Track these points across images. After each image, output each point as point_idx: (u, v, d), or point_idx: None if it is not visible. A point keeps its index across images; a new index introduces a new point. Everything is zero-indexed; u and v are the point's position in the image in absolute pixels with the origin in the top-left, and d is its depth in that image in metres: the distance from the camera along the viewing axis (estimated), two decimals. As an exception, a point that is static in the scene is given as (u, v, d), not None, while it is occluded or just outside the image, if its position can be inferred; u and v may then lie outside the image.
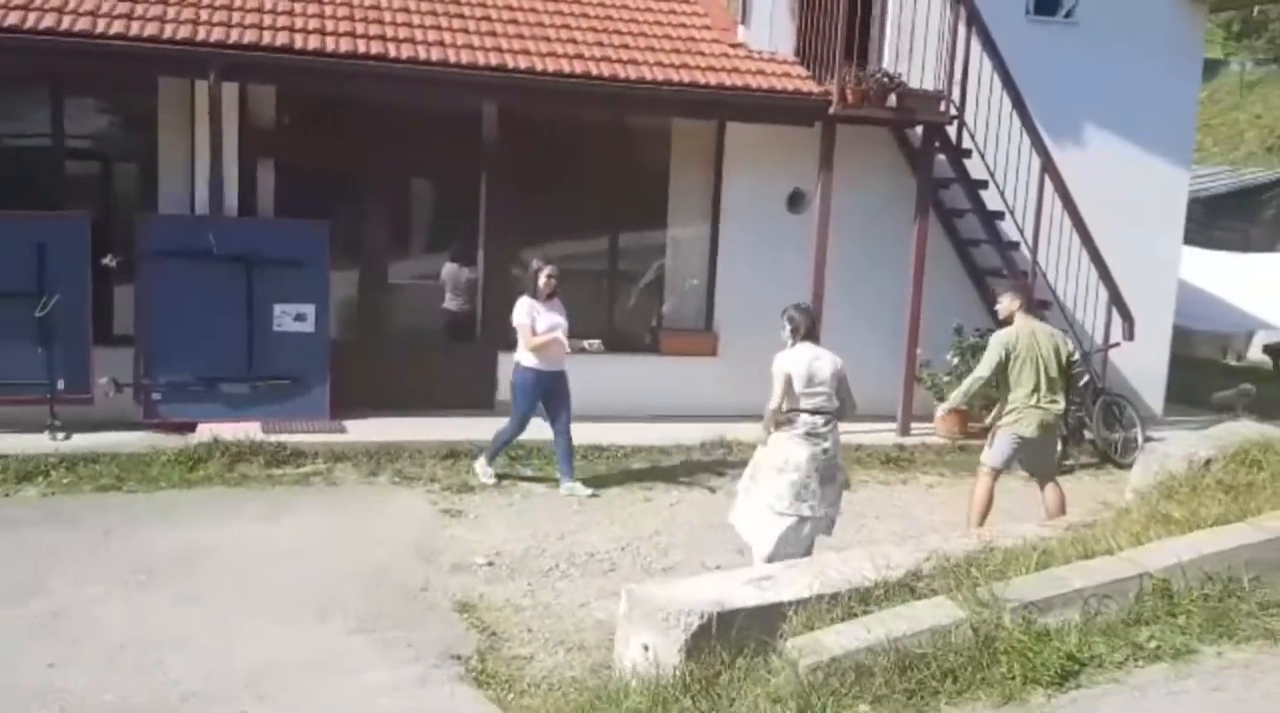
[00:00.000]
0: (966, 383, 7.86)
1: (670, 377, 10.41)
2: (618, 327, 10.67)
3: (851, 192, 10.17)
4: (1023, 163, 10.35)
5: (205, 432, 8.66)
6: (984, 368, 7.58)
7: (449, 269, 10.49)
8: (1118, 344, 10.59)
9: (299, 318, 9.27)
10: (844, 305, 9.95)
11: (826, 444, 6.29)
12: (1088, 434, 10.60)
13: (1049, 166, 10.31)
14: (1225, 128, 23.01)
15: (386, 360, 9.83)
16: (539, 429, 9.49)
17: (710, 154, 10.61)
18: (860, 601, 3.78)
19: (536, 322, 8.11)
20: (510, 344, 10.19)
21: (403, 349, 10.00)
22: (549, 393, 8.34)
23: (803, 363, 6.33)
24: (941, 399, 10.42)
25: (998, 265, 10.75)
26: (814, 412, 6.30)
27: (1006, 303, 7.80)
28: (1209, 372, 15.75)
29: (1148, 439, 10.66)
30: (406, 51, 9.04)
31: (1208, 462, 5.24)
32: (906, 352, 10.31)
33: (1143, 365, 11.74)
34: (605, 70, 9.38)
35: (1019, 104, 10.18)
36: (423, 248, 10.60)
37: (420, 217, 10.73)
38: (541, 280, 8.18)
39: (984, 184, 10.35)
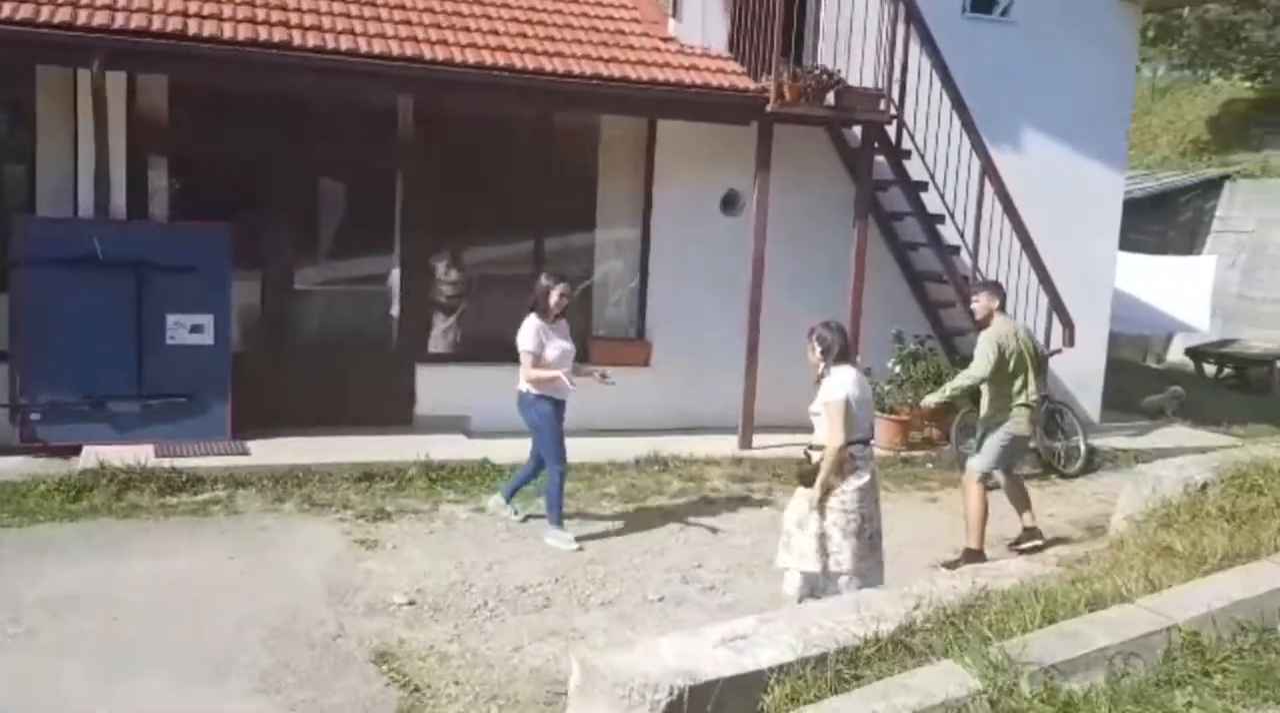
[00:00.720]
0: (960, 380, 7.64)
1: (603, 390, 9.79)
2: (544, 336, 10.07)
3: (787, 194, 9.72)
4: (962, 165, 10.02)
5: (90, 456, 7.83)
6: (981, 367, 7.43)
7: (395, 275, 9.82)
8: (1059, 351, 10.32)
9: (195, 329, 8.48)
10: (781, 313, 9.43)
11: (876, 479, 5.84)
12: (1030, 443, 10.29)
13: (989, 169, 9.99)
14: (1139, 132, 23.18)
15: (294, 374, 9.08)
16: (456, 446, 8.88)
17: (641, 154, 10.07)
18: (849, 663, 3.26)
19: (546, 348, 7.23)
20: (435, 355, 9.57)
21: (312, 362, 9.24)
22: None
23: (854, 385, 5.62)
24: (883, 410, 10.06)
25: (937, 270, 10.41)
26: (867, 443, 5.74)
27: (985, 302, 7.60)
28: (1133, 375, 15.69)
29: (1090, 448, 10.45)
30: (313, 40, 8.31)
31: (1204, 486, 4.86)
32: (847, 360, 9.86)
33: (1080, 371, 11.52)
34: (530, 63, 8.77)
35: (959, 104, 9.83)
36: (333, 252, 9.84)
37: (330, 218, 9.97)
38: (554, 299, 7.30)
39: (924, 186, 9.98)
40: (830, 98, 9.40)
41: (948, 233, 10.16)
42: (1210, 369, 17.61)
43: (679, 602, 6.39)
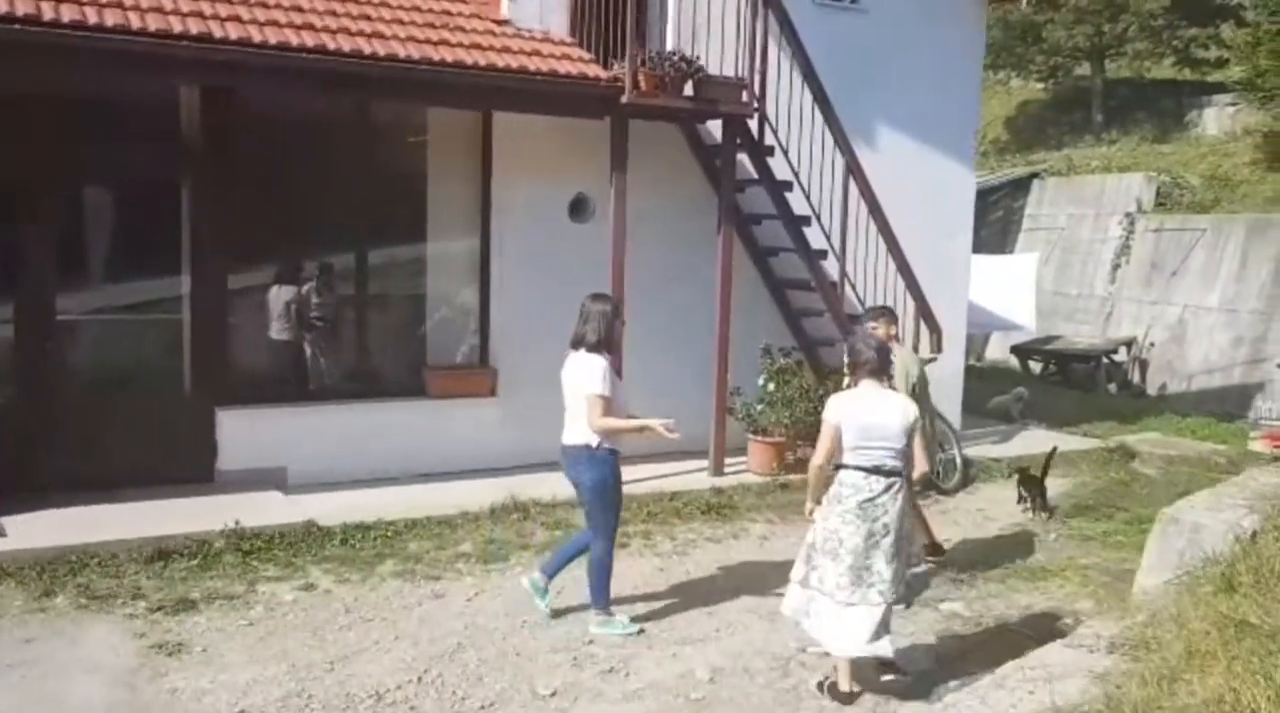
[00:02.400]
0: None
1: (441, 425, 8.51)
2: (372, 366, 8.67)
3: (638, 197, 8.64)
4: (826, 162, 9.25)
5: None
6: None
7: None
8: (935, 358, 9.70)
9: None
10: (640, 328, 8.36)
11: (886, 518, 4.99)
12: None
13: (854, 166, 9.26)
14: (944, 133, 23.43)
15: (59, 428, 7.37)
16: (270, 506, 7.39)
17: (476, 153, 8.79)
18: None
19: (617, 395, 5.84)
20: (240, 396, 8.03)
21: (82, 411, 7.52)
22: None
23: (860, 408, 5.07)
24: (756, 431, 9.17)
25: (800, 277, 9.60)
26: (870, 471, 4.96)
27: (885, 330, 6.89)
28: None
29: (965, 460, 9.89)
30: (70, 14, 6.63)
31: (1254, 535, 4.10)
32: (716, 379, 8.90)
33: (940, 377, 10.90)
34: (344, 44, 7.36)
35: (821, 97, 9.05)
36: (107, 274, 8.10)
37: (99, 234, 8.19)
38: (621, 329, 5.95)
39: (789, 186, 9.14)
40: (689, 88, 8.42)
41: (812, 236, 9.35)
42: (1036, 367, 17.72)
43: (575, 695, 5.20)
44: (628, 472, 8.40)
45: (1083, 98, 24.05)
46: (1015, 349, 17.67)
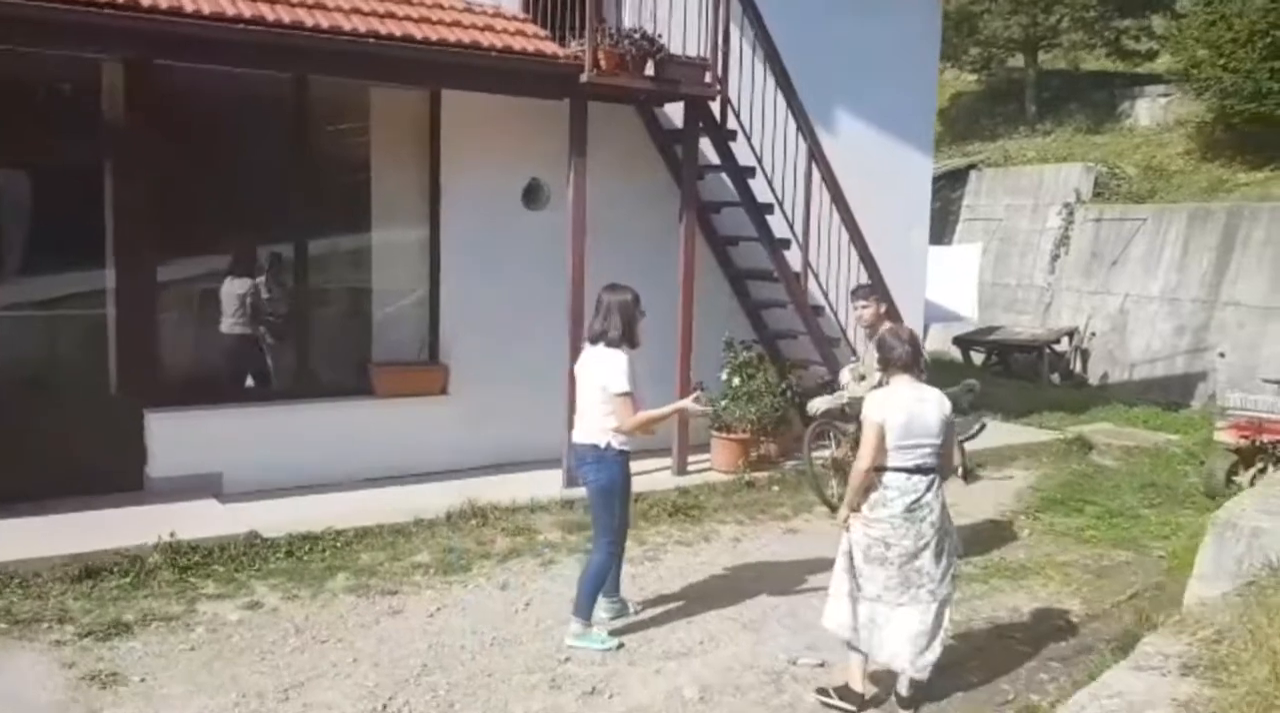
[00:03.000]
0: None
1: (389, 425, 8.00)
2: (315, 364, 8.12)
3: (593, 184, 8.18)
4: (788, 149, 8.91)
5: None
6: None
7: (111, 294, 7.57)
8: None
9: None
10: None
11: (933, 517, 4.78)
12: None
13: (817, 152, 8.94)
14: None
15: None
16: (208, 516, 6.83)
17: (424, 136, 8.28)
18: None
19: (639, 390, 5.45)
20: (171, 397, 7.46)
21: (-2, 415, 6.89)
22: None
23: (902, 407, 4.79)
24: (720, 429, 8.82)
25: (762, 267, 9.27)
26: (913, 472, 4.72)
27: (875, 307, 6.87)
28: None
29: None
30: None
31: None
32: (679, 374, 8.51)
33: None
34: (284, 15, 6.79)
35: (784, 79, 8.72)
36: (22, 266, 7.42)
37: (13, 224, 7.51)
38: (641, 319, 5.50)
39: (751, 172, 8.79)
40: (649, 68, 8.01)
41: (774, 226, 9.01)
42: (977, 358, 17.67)
43: (554, 721, 4.79)
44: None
45: (1016, 89, 24.13)
46: (958, 340, 17.59)
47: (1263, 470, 8.82)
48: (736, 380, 8.73)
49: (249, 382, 8.17)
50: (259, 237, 8.05)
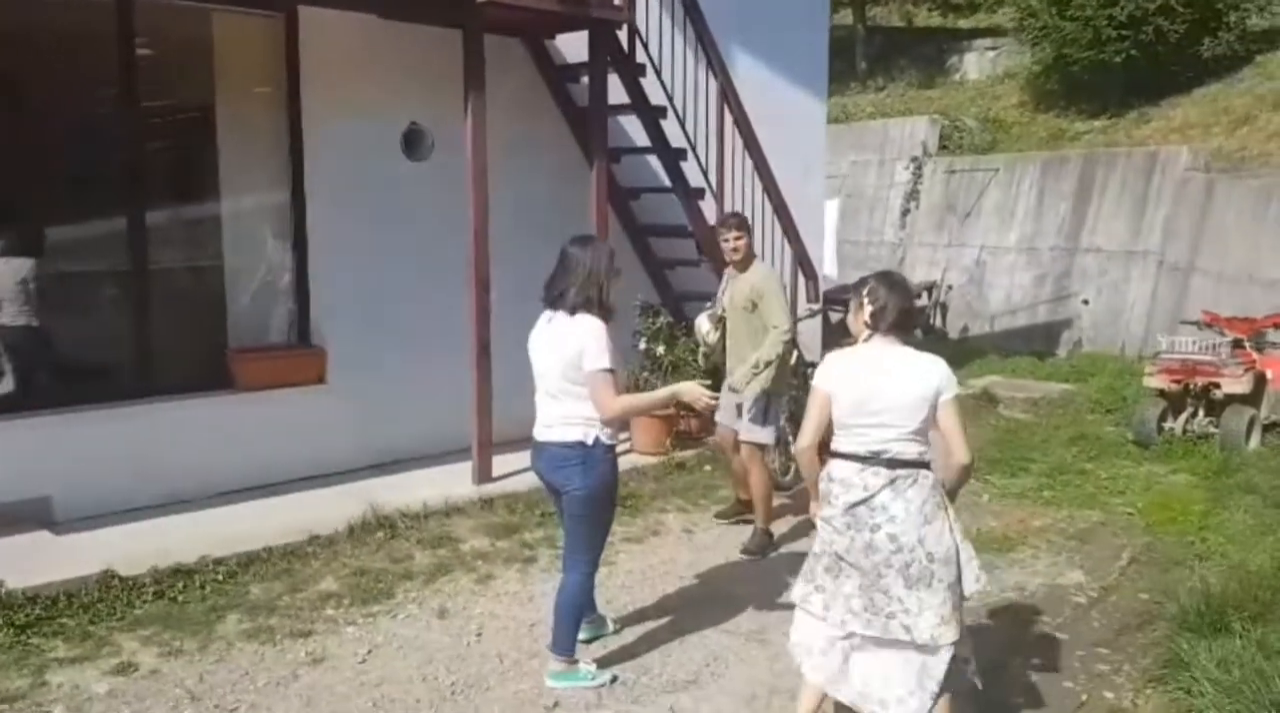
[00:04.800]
0: (774, 345, 6.01)
1: (259, 423, 6.61)
2: (157, 355, 6.61)
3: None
4: (698, 88, 7.97)
5: None
6: (786, 320, 6.11)
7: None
8: (815, 312, 8.72)
9: None
10: (502, 288, 6.79)
11: (892, 527, 3.52)
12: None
13: (729, 91, 8.03)
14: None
15: None
16: (42, 553, 5.33)
17: (279, 75, 6.87)
18: None
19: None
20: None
21: None
22: None
23: (857, 371, 3.67)
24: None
25: (667, 222, 8.31)
26: (866, 461, 3.56)
27: (748, 239, 6.27)
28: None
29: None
30: None
31: None
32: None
33: (801, 329, 10.04)
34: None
35: (693, 6, 7.75)
36: None
37: None
38: (613, 287, 4.32)
39: (663, 112, 7.80)
40: (550, -11, 6.88)
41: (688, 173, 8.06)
42: (835, 317, 17.29)
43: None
44: (507, 463, 6.96)
45: (844, 46, 23.96)
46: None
47: (1194, 415, 8.53)
48: (661, 348, 7.74)
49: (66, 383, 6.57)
50: (80, 208, 6.45)
